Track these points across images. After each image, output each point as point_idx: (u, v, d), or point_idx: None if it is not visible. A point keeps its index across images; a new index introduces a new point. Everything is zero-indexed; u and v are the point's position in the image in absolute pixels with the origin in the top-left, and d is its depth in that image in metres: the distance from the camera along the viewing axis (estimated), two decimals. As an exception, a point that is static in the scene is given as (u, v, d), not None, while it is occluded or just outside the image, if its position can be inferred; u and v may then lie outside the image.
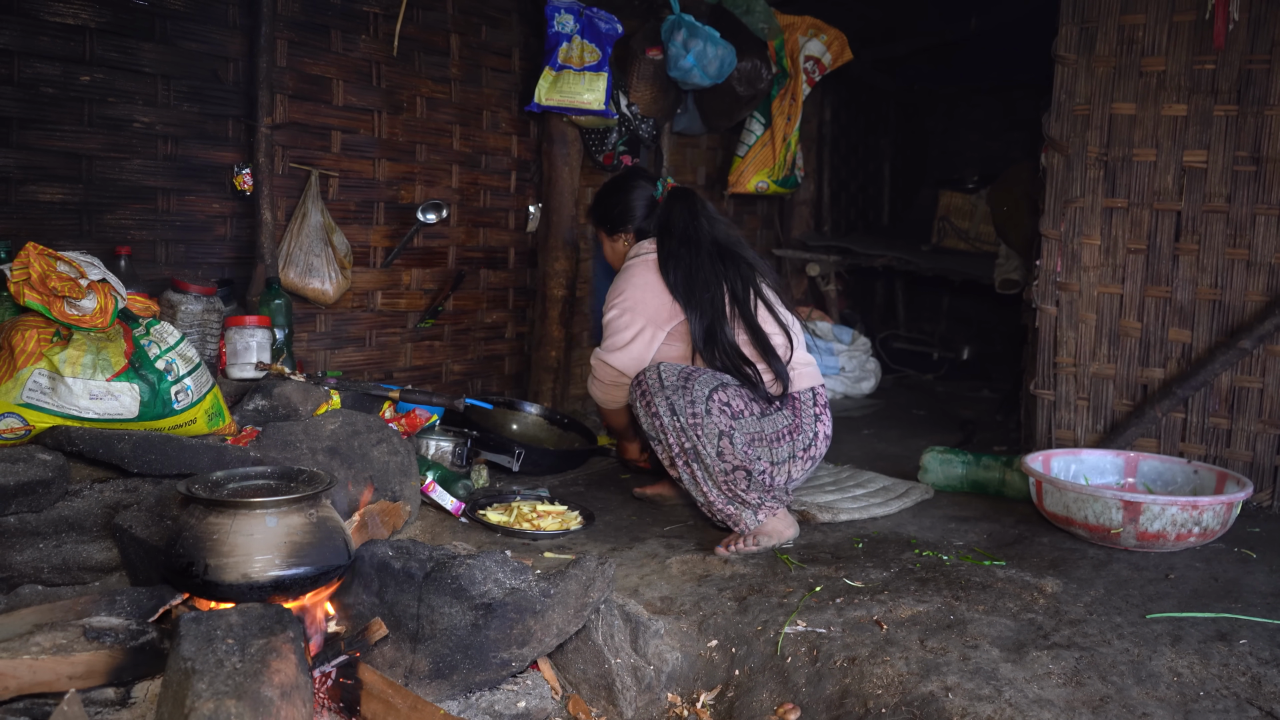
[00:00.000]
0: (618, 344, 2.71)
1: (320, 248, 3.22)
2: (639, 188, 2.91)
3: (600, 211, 2.98)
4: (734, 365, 2.61)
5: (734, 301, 2.67)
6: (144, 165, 2.90)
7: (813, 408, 2.69)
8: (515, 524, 2.66)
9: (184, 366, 2.26)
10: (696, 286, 2.66)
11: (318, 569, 1.68)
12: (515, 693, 1.80)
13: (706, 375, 2.54)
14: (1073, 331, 3.23)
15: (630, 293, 2.71)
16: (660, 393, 2.47)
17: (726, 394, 2.52)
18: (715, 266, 2.69)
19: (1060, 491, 2.56)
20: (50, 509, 1.98)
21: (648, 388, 2.49)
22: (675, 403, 2.45)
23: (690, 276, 2.66)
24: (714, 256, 2.70)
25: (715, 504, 2.49)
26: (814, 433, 2.67)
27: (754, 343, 2.65)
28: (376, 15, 3.45)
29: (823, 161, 5.86)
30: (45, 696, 1.52)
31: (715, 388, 2.51)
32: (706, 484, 2.47)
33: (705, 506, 2.52)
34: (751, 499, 2.47)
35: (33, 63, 2.65)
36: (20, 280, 2.08)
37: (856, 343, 5.09)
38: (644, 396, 2.49)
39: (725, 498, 2.47)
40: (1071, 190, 3.20)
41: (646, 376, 2.50)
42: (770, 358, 2.64)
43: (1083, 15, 3.15)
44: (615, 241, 2.95)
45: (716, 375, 2.57)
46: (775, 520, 2.50)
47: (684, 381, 2.48)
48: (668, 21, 3.91)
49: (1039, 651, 1.85)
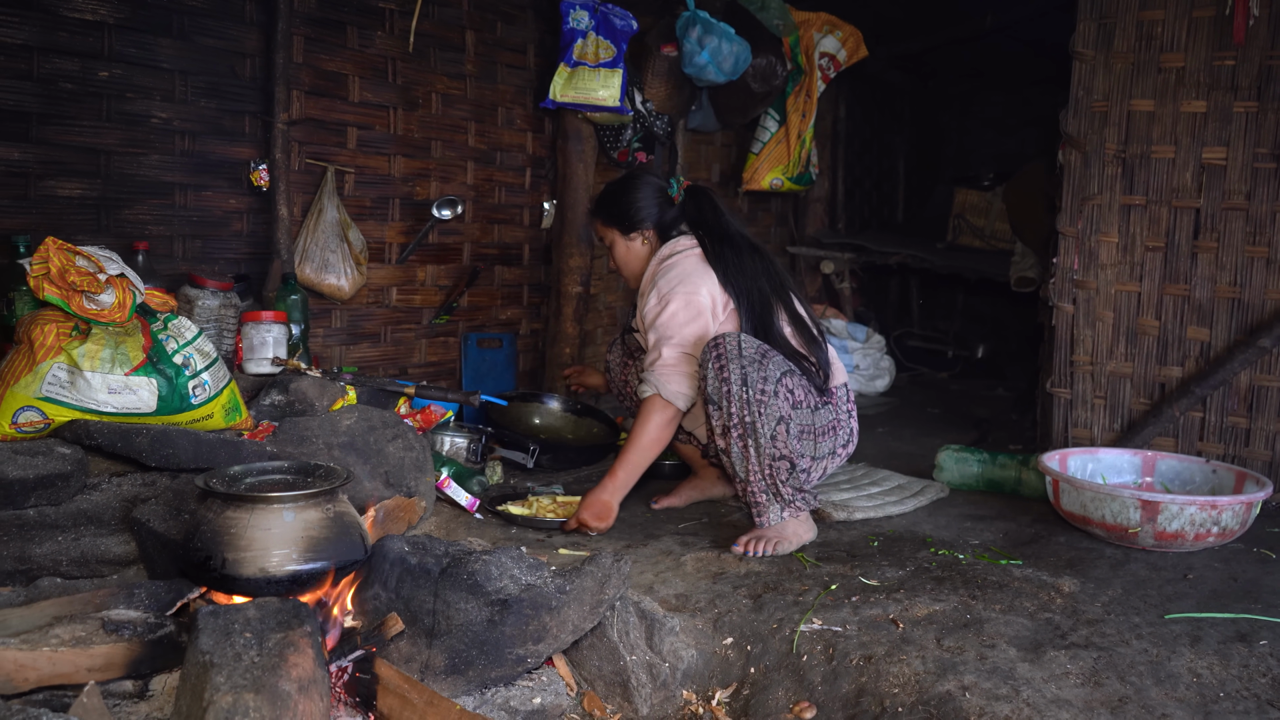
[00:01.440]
0: (697, 331, 2.59)
1: (336, 243, 3.23)
2: (649, 184, 2.83)
3: (613, 211, 2.85)
4: (788, 355, 2.57)
5: (774, 293, 2.64)
6: (161, 161, 2.92)
7: (846, 404, 2.70)
8: (538, 515, 2.68)
9: (201, 361, 2.27)
10: (744, 278, 2.61)
11: (335, 564, 1.69)
12: (530, 689, 1.80)
13: (780, 359, 2.50)
14: (1090, 330, 3.21)
15: (689, 283, 2.61)
16: (737, 360, 2.41)
17: (793, 381, 2.50)
18: (754, 260, 2.66)
19: (1077, 490, 2.54)
20: (69, 502, 1.99)
21: (725, 351, 2.42)
22: (749, 374, 2.40)
23: (738, 268, 2.62)
24: (750, 251, 2.67)
25: (752, 485, 2.45)
26: (849, 429, 2.68)
27: (799, 333, 2.63)
28: (392, 11, 3.45)
29: (837, 158, 5.84)
30: (64, 688, 1.53)
31: (786, 372, 2.48)
32: (754, 461, 2.43)
33: (742, 485, 2.48)
34: (786, 494, 2.45)
35: (52, 58, 2.66)
36: (40, 275, 2.09)
37: (871, 340, 5.07)
38: (719, 359, 2.43)
39: (764, 483, 2.45)
40: (1089, 187, 3.18)
41: (726, 340, 2.44)
42: (815, 347, 2.63)
43: (1101, 11, 3.13)
44: (632, 241, 2.82)
45: (787, 361, 2.53)
46: (796, 523, 2.49)
47: (760, 356, 2.44)
48: (683, 18, 3.91)
49: (1057, 651, 1.84)
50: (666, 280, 2.64)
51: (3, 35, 2.57)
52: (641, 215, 2.81)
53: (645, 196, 2.81)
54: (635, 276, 2.83)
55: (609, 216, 2.85)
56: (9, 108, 2.60)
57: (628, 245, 2.83)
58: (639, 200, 2.81)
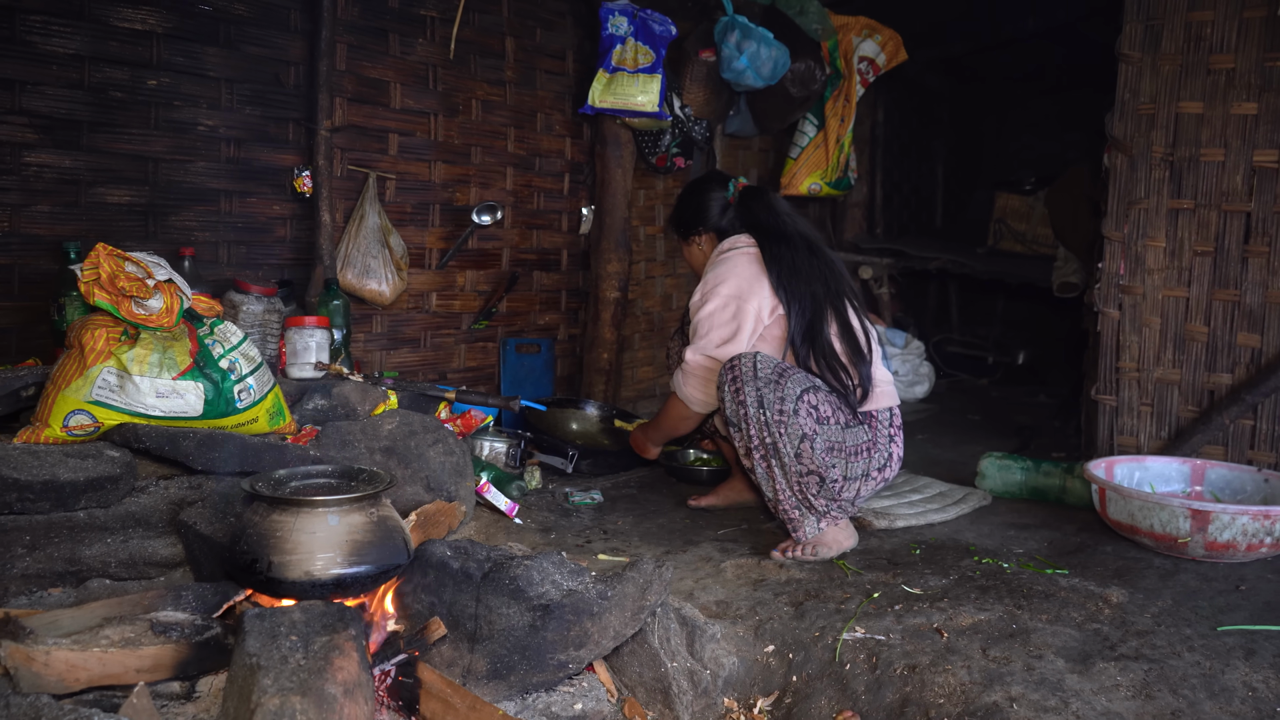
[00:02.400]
0: (725, 336, 2.56)
1: (377, 249, 3.25)
2: (712, 189, 2.82)
3: (672, 216, 2.93)
4: (829, 367, 2.52)
5: (828, 299, 2.58)
6: (207, 168, 2.96)
7: (889, 428, 2.59)
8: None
9: (246, 366, 2.30)
10: (798, 281, 2.57)
11: (378, 568, 1.69)
12: (571, 695, 1.80)
13: (800, 375, 2.46)
14: (1136, 336, 3.16)
15: (734, 283, 2.58)
16: (752, 382, 2.40)
17: (816, 397, 2.45)
18: (811, 261, 2.61)
19: (1125, 499, 2.50)
20: (118, 504, 2.02)
21: (740, 374, 2.41)
22: (765, 396, 2.38)
23: (792, 271, 2.57)
24: (808, 250, 2.63)
25: (783, 504, 2.44)
26: (888, 453, 2.58)
27: (845, 344, 2.55)
28: (434, 19, 3.48)
29: (875, 163, 5.81)
30: (114, 689, 1.55)
31: (807, 389, 2.44)
32: (780, 481, 2.42)
33: (772, 504, 2.48)
34: (819, 505, 2.43)
35: (102, 67, 2.71)
36: (90, 280, 2.12)
37: (910, 346, 5.03)
38: (734, 382, 2.42)
39: (795, 499, 2.43)
40: (1135, 191, 3.13)
41: (741, 362, 2.42)
42: (859, 362, 2.55)
43: (1148, 12, 3.08)
44: (691, 245, 2.87)
45: (809, 377, 2.49)
46: (835, 530, 2.48)
47: (778, 377, 2.41)
48: (721, 23, 3.90)
49: (1106, 663, 1.81)
50: (713, 275, 2.62)
51: (56, 45, 2.62)
52: (698, 218, 2.82)
53: (701, 200, 2.82)
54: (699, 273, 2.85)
55: (670, 222, 2.96)
56: (61, 116, 2.65)
57: (688, 249, 2.89)
58: (694, 204, 2.84)
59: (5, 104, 2.56)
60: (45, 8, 2.60)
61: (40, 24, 2.60)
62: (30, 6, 2.58)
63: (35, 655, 1.44)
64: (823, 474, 2.42)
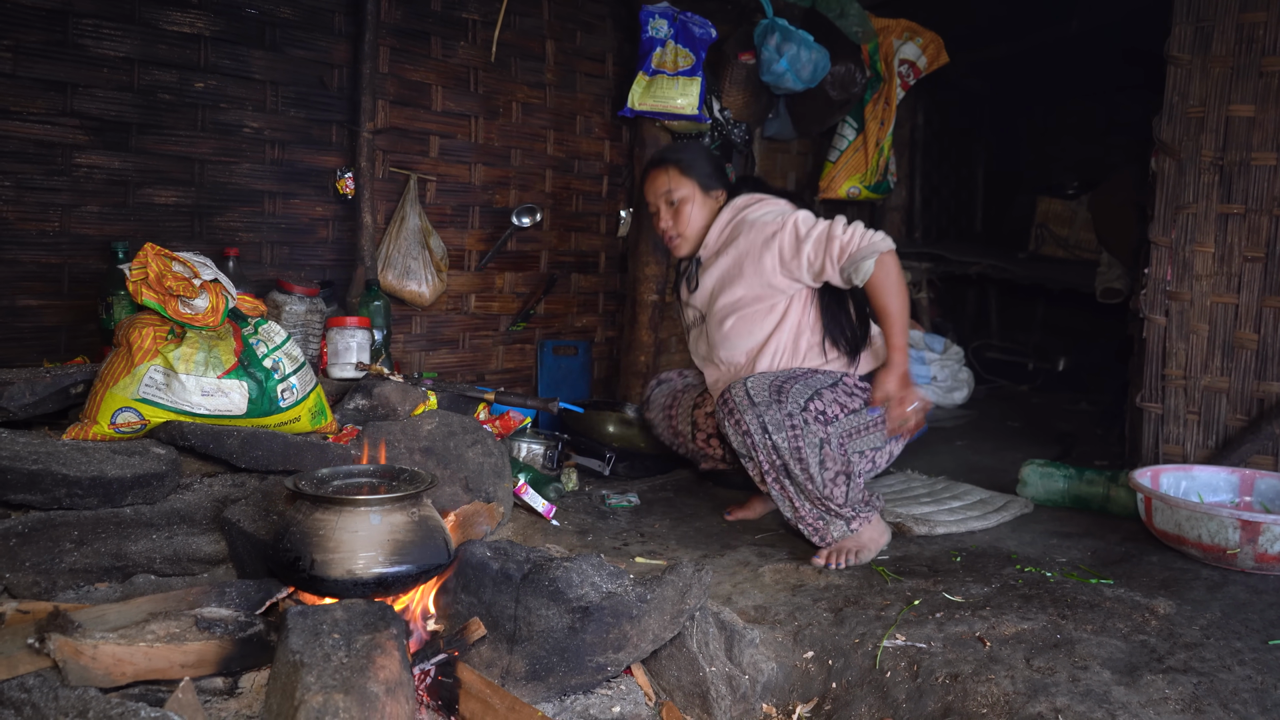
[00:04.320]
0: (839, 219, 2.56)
1: (418, 251, 3.27)
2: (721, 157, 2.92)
3: (697, 163, 2.77)
4: (861, 316, 2.65)
5: None
6: (252, 169, 2.99)
7: None
8: None
9: (290, 365, 2.32)
10: None
11: (419, 567, 1.70)
12: (610, 697, 1.80)
13: (799, 385, 2.47)
14: (1183, 343, 3.10)
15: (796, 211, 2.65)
16: (750, 409, 2.41)
17: (822, 401, 2.47)
18: None
19: (1172, 509, 2.46)
20: (163, 501, 2.04)
21: (735, 404, 2.44)
22: (767, 419, 2.40)
23: None
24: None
25: (805, 518, 2.46)
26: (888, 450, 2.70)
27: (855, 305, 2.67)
28: (475, 22, 3.50)
29: (915, 167, 5.76)
30: (158, 683, 1.56)
31: (810, 396, 2.46)
32: (798, 499, 2.45)
33: (795, 520, 2.49)
34: (846, 512, 2.43)
35: (151, 70, 2.75)
36: (139, 279, 2.15)
37: (949, 352, 4.98)
38: (732, 414, 2.44)
39: (816, 512, 2.45)
40: (1183, 196, 3.08)
41: (732, 394, 2.45)
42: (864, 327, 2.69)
43: (1198, 14, 3.03)
44: (708, 197, 2.77)
45: (808, 381, 2.51)
46: (870, 528, 2.47)
47: (775, 394, 2.42)
48: (761, 25, 3.89)
49: (1153, 675, 1.77)
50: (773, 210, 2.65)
51: (107, 48, 2.67)
52: (722, 174, 2.81)
53: (719, 159, 2.88)
54: (695, 237, 2.77)
55: (689, 167, 2.76)
56: (111, 118, 2.70)
57: (704, 200, 2.76)
58: (719, 163, 2.83)
59: (58, 106, 2.61)
60: (97, 11, 2.64)
61: (92, 27, 2.64)
62: (83, 10, 2.62)
63: (83, 649, 1.45)
64: (849, 471, 2.44)
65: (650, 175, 2.79)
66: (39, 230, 2.64)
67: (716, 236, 2.72)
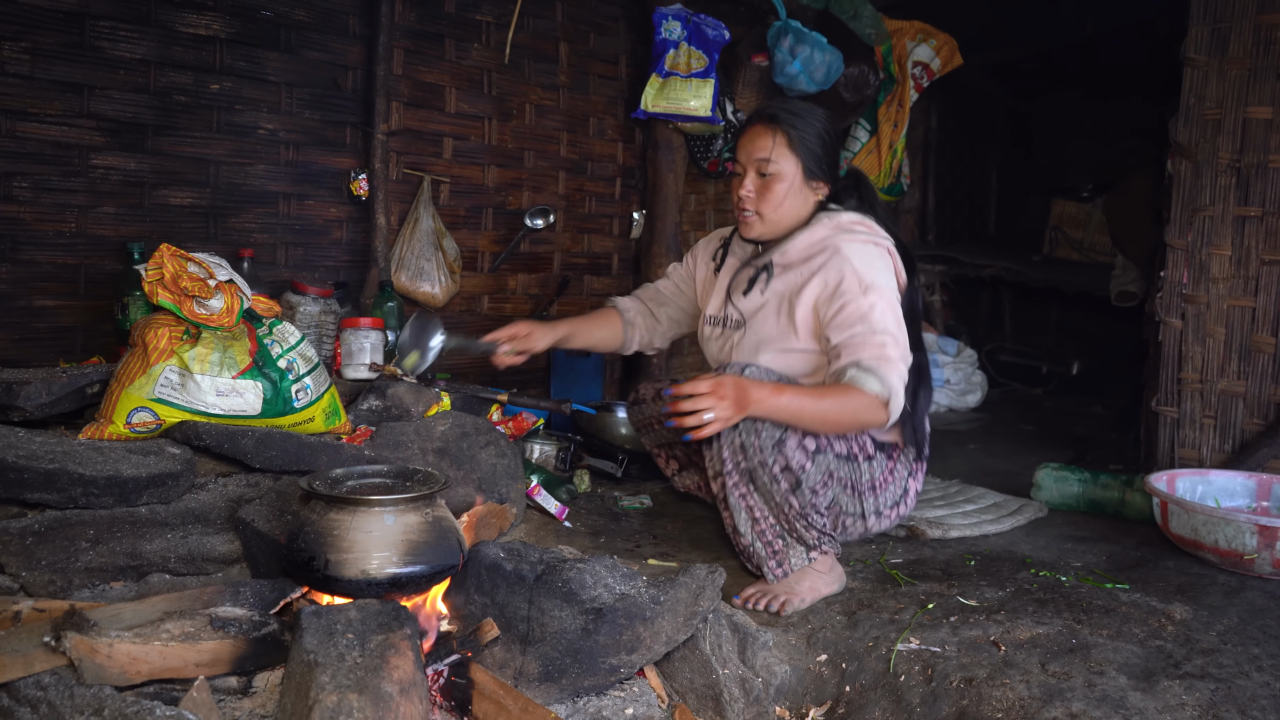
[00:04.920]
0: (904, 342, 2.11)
1: (431, 252, 3.28)
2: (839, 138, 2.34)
3: (811, 141, 2.21)
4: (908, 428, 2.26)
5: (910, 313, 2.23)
6: (267, 171, 3.00)
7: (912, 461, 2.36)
8: None
9: (304, 366, 2.32)
10: (915, 321, 2.24)
11: (433, 568, 1.70)
12: (622, 699, 1.79)
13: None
14: (1199, 346, 3.08)
15: (888, 281, 2.17)
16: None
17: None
18: (916, 302, 2.28)
19: (1188, 514, 2.44)
20: (178, 501, 2.05)
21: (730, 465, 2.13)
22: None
23: (914, 306, 2.25)
24: (906, 254, 2.29)
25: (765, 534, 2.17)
26: (904, 489, 2.35)
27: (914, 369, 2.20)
28: (489, 24, 3.51)
29: (928, 169, 5.75)
30: (172, 682, 1.57)
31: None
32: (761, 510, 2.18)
33: (750, 539, 2.19)
34: (810, 538, 2.17)
35: (167, 72, 2.76)
36: (154, 280, 2.16)
37: (962, 355, 4.97)
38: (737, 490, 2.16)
39: (780, 529, 2.18)
40: (1200, 198, 3.06)
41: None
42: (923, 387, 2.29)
43: (1215, 16, 3.01)
44: (809, 186, 2.24)
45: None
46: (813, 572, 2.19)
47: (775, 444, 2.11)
48: (774, 27, 3.88)
49: (1170, 681, 1.76)
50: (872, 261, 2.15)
51: (123, 50, 2.68)
52: (833, 163, 2.28)
53: (836, 144, 2.29)
54: (775, 226, 2.24)
55: (799, 143, 2.20)
56: (127, 119, 2.71)
57: (803, 188, 2.23)
58: (836, 147, 2.28)
59: (75, 107, 2.63)
60: (114, 13, 2.66)
61: (109, 29, 2.66)
62: (100, 12, 2.64)
63: (99, 647, 1.46)
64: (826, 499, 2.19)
65: (751, 131, 2.24)
66: (56, 231, 2.65)
67: (804, 247, 2.23)
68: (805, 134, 2.20)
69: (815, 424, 2.07)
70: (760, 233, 2.26)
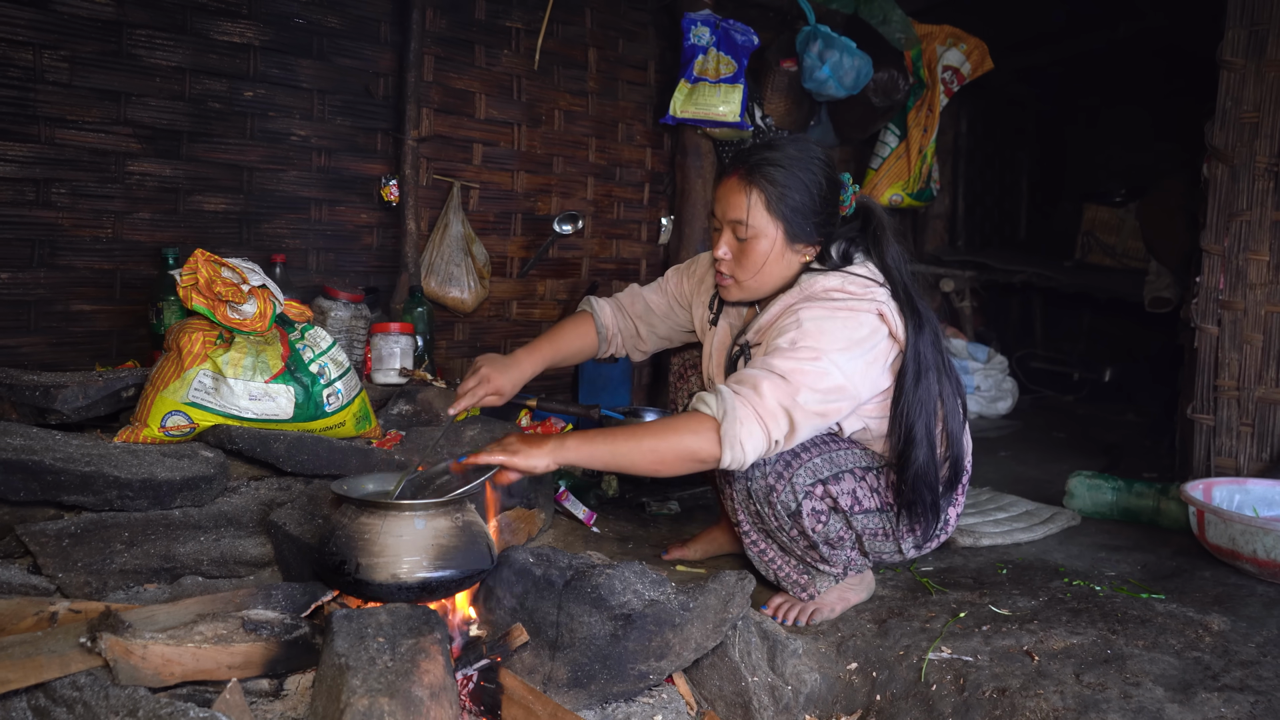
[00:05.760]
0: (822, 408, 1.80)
1: (460, 257, 3.30)
2: (841, 185, 1.96)
3: (792, 198, 1.89)
4: (917, 498, 1.99)
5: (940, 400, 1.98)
6: (299, 177, 3.03)
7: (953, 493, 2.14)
8: None
9: (335, 370, 2.34)
10: (922, 377, 1.93)
11: (463, 572, 1.71)
12: (651, 706, 1.79)
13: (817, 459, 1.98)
14: (1236, 353, 3.04)
15: (858, 355, 1.84)
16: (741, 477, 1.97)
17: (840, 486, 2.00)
18: (936, 343, 1.96)
19: (1225, 523, 2.40)
20: (211, 504, 2.07)
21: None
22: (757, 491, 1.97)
23: (919, 359, 1.92)
24: (934, 329, 1.96)
25: (784, 571, 2.11)
26: (944, 520, 2.15)
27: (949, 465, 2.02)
28: (518, 30, 3.52)
29: (958, 174, 5.71)
30: (205, 684, 1.58)
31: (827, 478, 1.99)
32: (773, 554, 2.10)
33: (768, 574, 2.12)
34: (835, 571, 2.09)
35: (202, 79, 2.80)
36: (189, 285, 2.19)
37: (992, 361, 4.92)
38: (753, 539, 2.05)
39: (801, 567, 2.10)
40: (1237, 203, 3.02)
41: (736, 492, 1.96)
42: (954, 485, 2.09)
43: (1252, 17, 2.97)
44: (792, 249, 1.94)
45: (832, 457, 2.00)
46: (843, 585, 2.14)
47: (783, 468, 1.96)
48: (803, 32, 3.87)
49: (1208, 693, 1.73)
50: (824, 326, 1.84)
51: (160, 58, 2.72)
52: (830, 219, 1.95)
53: (835, 198, 1.95)
54: (760, 292, 1.99)
55: (780, 201, 1.90)
56: (163, 126, 2.75)
57: (785, 251, 1.94)
58: (830, 202, 1.95)
59: (112, 115, 2.66)
60: (151, 22, 2.70)
61: (145, 38, 2.69)
62: (137, 21, 2.67)
63: (133, 649, 1.47)
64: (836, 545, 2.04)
65: (727, 184, 1.94)
66: (93, 237, 2.69)
67: (770, 319, 1.94)
68: (789, 190, 1.89)
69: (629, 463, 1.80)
70: (740, 297, 2.01)
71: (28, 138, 2.55)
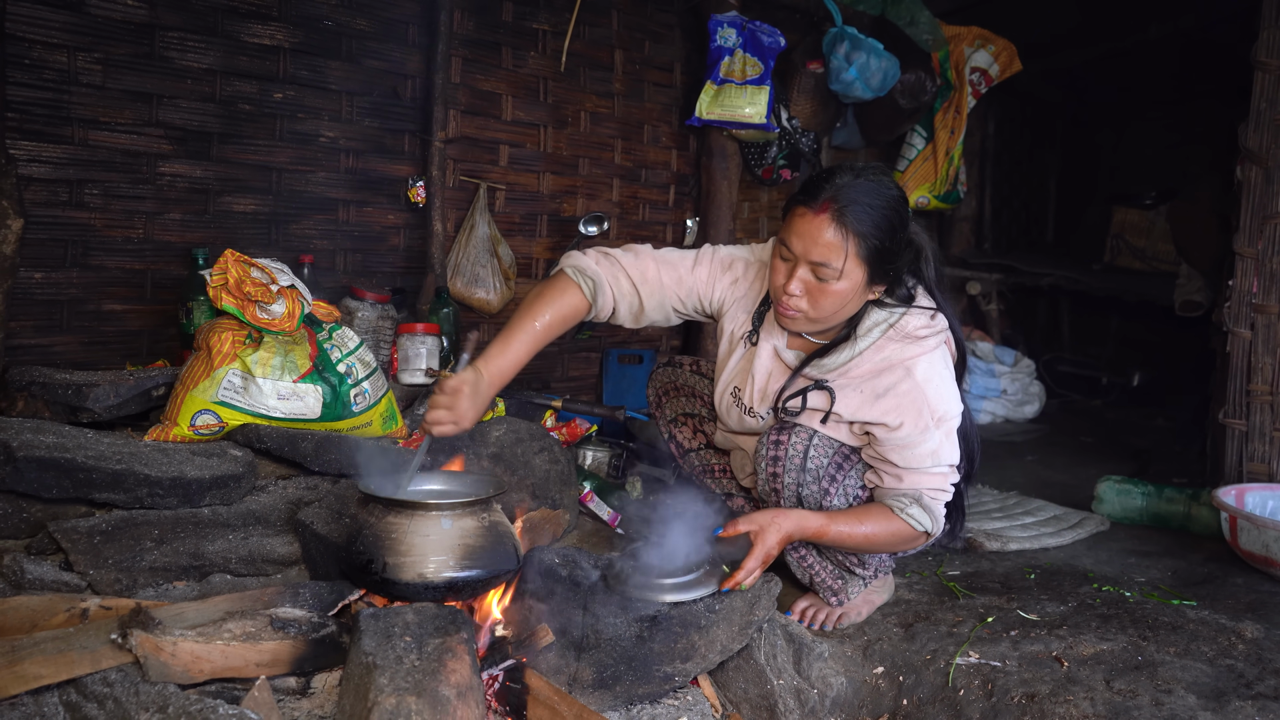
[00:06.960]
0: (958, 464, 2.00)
1: (486, 258, 3.31)
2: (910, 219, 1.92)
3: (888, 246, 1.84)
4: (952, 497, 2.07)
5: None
6: (327, 178, 3.05)
7: None
8: None
9: (362, 370, 2.35)
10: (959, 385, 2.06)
11: (489, 572, 1.71)
12: (676, 708, 1.78)
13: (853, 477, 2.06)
14: (1269, 357, 3.00)
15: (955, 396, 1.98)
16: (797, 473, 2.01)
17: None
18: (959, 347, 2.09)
19: (1259, 529, 2.37)
20: (239, 503, 2.08)
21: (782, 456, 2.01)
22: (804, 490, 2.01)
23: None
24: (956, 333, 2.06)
25: (821, 577, 2.14)
26: None
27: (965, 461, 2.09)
28: (545, 32, 3.53)
29: (985, 176, 5.68)
30: (233, 681, 1.59)
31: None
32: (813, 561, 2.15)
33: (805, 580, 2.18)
34: (866, 574, 2.14)
35: (233, 81, 2.82)
36: (219, 285, 2.21)
37: (1019, 365, 4.89)
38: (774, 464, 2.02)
39: (837, 571, 2.14)
40: (1271, 205, 2.98)
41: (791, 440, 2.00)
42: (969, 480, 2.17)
43: (1287, 18, 2.93)
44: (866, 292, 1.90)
45: None
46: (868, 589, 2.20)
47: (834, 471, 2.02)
48: (830, 34, 3.86)
49: (1241, 701, 1.71)
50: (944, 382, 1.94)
51: (191, 60, 2.74)
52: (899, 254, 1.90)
53: (905, 233, 1.90)
54: (826, 326, 1.94)
55: (872, 250, 1.83)
56: (194, 128, 2.77)
57: (863, 292, 1.89)
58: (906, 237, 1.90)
59: (144, 116, 2.69)
60: (182, 25, 2.72)
61: (177, 40, 2.72)
62: (169, 24, 2.70)
63: (163, 645, 1.49)
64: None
65: (816, 220, 1.81)
66: (124, 237, 2.72)
67: (870, 368, 1.94)
68: (879, 236, 1.82)
69: (856, 549, 2.02)
70: (805, 329, 1.97)
71: (61, 139, 2.58)
